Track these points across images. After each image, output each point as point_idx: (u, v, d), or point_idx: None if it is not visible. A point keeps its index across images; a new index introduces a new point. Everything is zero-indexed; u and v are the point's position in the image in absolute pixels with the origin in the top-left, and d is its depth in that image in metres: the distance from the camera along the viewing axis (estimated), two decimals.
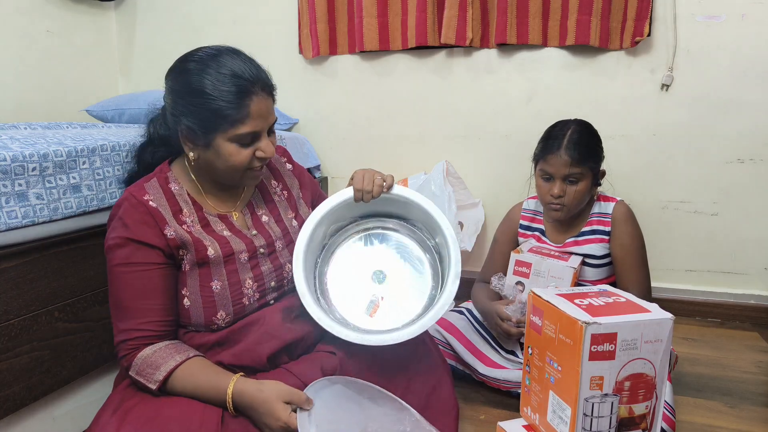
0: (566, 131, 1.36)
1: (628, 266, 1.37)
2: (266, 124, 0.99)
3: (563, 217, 1.40)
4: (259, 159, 1.00)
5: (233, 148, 0.97)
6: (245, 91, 0.94)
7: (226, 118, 0.94)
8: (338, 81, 2.27)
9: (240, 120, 0.95)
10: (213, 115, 0.94)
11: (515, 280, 1.41)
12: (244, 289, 1.04)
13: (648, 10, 1.83)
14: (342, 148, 2.32)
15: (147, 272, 0.96)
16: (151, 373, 0.92)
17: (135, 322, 0.95)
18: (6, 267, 1.01)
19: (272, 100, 1.01)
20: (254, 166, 1.01)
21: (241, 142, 0.97)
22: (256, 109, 0.96)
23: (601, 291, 0.93)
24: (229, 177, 1.02)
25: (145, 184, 1.02)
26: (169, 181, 1.04)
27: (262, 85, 0.97)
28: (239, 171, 1.00)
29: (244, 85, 0.94)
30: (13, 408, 1.03)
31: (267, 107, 0.99)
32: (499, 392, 1.39)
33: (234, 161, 0.98)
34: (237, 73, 0.95)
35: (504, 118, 2.08)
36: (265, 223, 1.13)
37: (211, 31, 2.41)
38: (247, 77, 0.95)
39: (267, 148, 1.00)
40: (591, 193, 1.40)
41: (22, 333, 1.04)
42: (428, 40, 2.04)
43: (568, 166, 1.32)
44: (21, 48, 2.13)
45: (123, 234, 0.96)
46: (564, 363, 0.82)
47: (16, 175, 1.02)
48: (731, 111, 1.84)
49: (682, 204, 1.95)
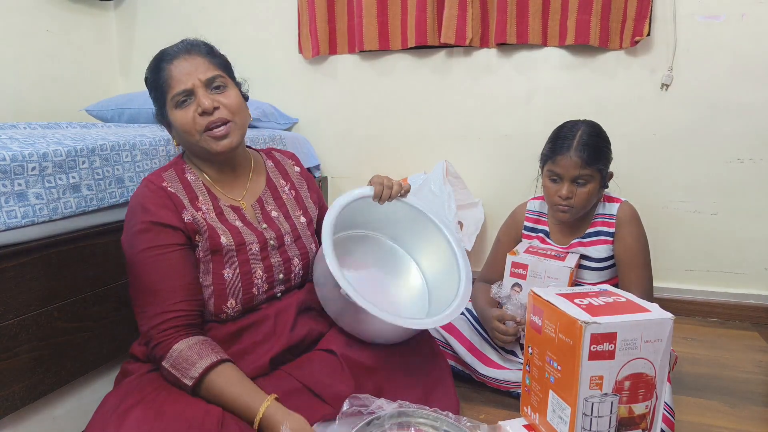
0: (576, 132, 1.33)
1: (631, 267, 1.36)
2: (195, 81, 1.03)
3: (570, 219, 1.39)
4: (201, 115, 1.02)
5: (178, 113, 1.03)
6: (163, 59, 1.05)
7: (159, 89, 1.05)
8: (338, 81, 2.27)
9: (167, 84, 1.03)
10: (153, 90, 1.07)
11: (512, 282, 1.41)
12: (255, 279, 1.07)
13: (648, 10, 1.83)
14: (342, 148, 2.32)
15: (173, 253, 0.99)
16: (187, 369, 0.93)
17: (167, 304, 0.97)
18: (6, 267, 1.01)
19: (202, 59, 1.06)
20: (203, 124, 1.03)
21: (178, 105, 1.03)
22: (177, 69, 1.03)
23: (601, 291, 0.93)
24: (194, 147, 1.07)
25: (163, 173, 1.07)
26: (185, 171, 1.10)
27: (185, 49, 1.05)
28: (194, 135, 1.03)
29: (164, 56, 1.06)
30: (13, 408, 1.03)
31: (192, 65, 1.04)
32: (499, 392, 1.39)
33: (181, 125, 1.03)
34: (163, 51, 1.07)
35: (504, 118, 2.08)
36: (275, 218, 1.16)
37: (211, 31, 2.38)
38: (169, 50, 1.06)
39: (202, 100, 1.02)
40: (599, 195, 1.39)
41: (22, 333, 1.04)
42: (428, 40, 2.04)
43: (578, 167, 1.30)
44: (21, 48, 2.13)
45: (146, 218, 0.99)
46: (564, 363, 0.82)
47: (16, 174, 1.01)
48: (731, 111, 1.84)
49: (682, 204, 1.95)
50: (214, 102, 1.03)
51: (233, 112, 1.06)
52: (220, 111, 1.04)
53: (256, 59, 2.28)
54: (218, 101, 1.04)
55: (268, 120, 2.14)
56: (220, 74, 1.07)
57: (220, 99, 1.05)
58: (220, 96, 1.05)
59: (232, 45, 2.39)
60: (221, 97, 1.05)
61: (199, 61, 1.05)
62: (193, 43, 1.08)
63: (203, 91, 1.03)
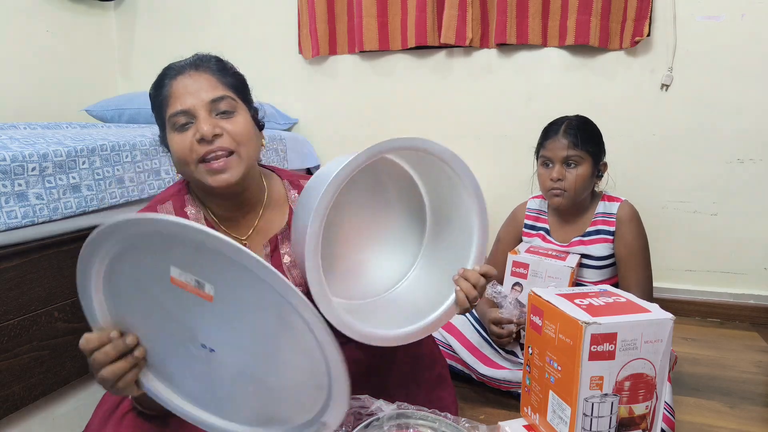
0: (564, 120, 1.42)
1: (631, 266, 1.37)
2: (198, 101, 0.89)
3: (565, 205, 1.40)
4: (199, 142, 0.88)
5: (175, 137, 0.90)
6: (167, 74, 0.94)
7: (158, 107, 0.94)
8: (338, 81, 2.27)
9: (166, 101, 0.92)
10: (154, 110, 0.96)
11: (513, 282, 1.41)
12: None
13: (648, 10, 1.83)
14: (342, 148, 2.32)
15: None
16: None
17: None
18: (6, 267, 1.01)
19: (210, 76, 0.93)
20: (200, 153, 0.88)
21: (177, 127, 0.90)
22: (180, 86, 0.90)
23: (602, 291, 0.93)
24: (191, 178, 0.93)
25: (159, 206, 0.96)
26: (185, 204, 0.97)
27: (193, 64, 0.93)
28: (189, 165, 0.90)
29: (167, 70, 0.95)
30: (13, 408, 1.03)
31: (196, 83, 0.91)
32: (499, 392, 1.39)
33: (176, 151, 0.90)
34: (170, 65, 0.96)
35: (504, 118, 2.08)
36: (285, 265, 1.01)
37: (211, 31, 2.41)
38: (175, 65, 0.95)
39: (201, 125, 0.88)
40: (592, 182, 1.41)
41: (22, 333, 1.04)
42: (428, 40, 2.04)
43: (567, 148, 1.36)
44: (21, 48, 2.13)
45: None
46: (564, 363, 0.82)
47: (16, 175, 1.02)
48: (731, 111, 1.84)
49: (682, 204, 1.95)
50: (216, 128, 0.88)
51: (238, 141, 0.90)
52: (222, 139, 0.89)
53: (256, 59, 2.28)
54: (221, 127, 0.89)
55: (268, 120, 2.14)
56: (230, 96, 0.92)
57: (224, 125, 0.90)
58: (225, 122, 0.90)
59: (232, 45, 2.42)
60: (226, 122, 0.90)
61: (205, 79, 0.91)
62: (203, 58, 0.95)
63: (205, 114, 0.89)
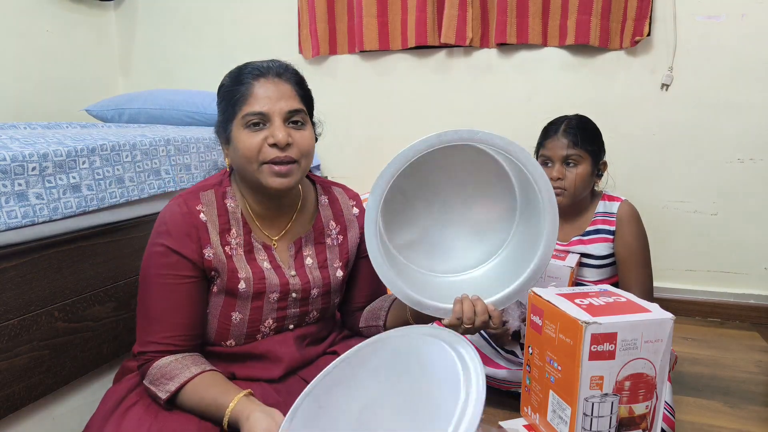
0: (564, 119, 1.43)
1: (631, 266, 1.37)
2: (277, 108, 0.93)
3: (565, 204, 1.40)
4: (271, 146, 0.93)
5: (244, 134, 0.94)
6: (251, 73, 0.96)
7: (234, 100, 0.95)
8: (338, 81, 2.27)
9: (243, 99, 0.94)
10: (224, 100, 0.98)
11: None
12: (262, 327, 1.02)
13: (648, 10, 1.83)
14: (342, 148, 2.32)
15: (182, 285, 0.94)
16: (165, 383, 0.90)
17: (160, 335, 0.94)
18: (6, 267, 1.01)
19: (291, 87, 0.97)
20: (269, 157, 0.93)
21: (249, 125, 0.93)
22: (262, 89, 0.94)
23: (602, 291, 0.93)
24: (247, 174, 0.96)
25: (202, 193, 0.99)
26: (226, 196, 1.01)
27: (275, 71, 0.97)
28: (253, 163, 0.94)
29: (251, 69, 0.97)
30: (13, 408, 1.03)
31: (278, 90, 0.95)
32: (499, 392, 1.39)
33: (244, 147, 0.93)
34: (250, 63, 0.99)
35: (504, 118, 2.08)
36: (307, 266, 1.06)
37: (211, 31, 2.41)
38: (257, 65, 0.98)
39: (277, 132, 0.92)
40: (592, 181, 1.41)
41: (22, 333, 1.04)
42: (428, 40, 2.04)
43: (566, 147, 1.36)
44: (21, 48, 2.13)
45: (166, 242, 0.94)
46: (564, 363, 0.82)
47: (16, 174, 1.01)
48: (731, 111, 1.84)
49: (682, 204, 1.95)
50: (289, 137, 0.93)
51: (303, 153, 0.96)
52: (292, 149, 0.94)
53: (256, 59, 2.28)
54: (293, 138, 0.94)
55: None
56: (303, 109, 0.97)
57: (295, 136, 0.95)
58: (296, 133, 0.95)
59: (232, 45, 2.41)
60: (297, 134, 0.95)
61: (287, 89, 0.96)
62: (286, 67, 0.99)
63: (280, 122, 0.93)
